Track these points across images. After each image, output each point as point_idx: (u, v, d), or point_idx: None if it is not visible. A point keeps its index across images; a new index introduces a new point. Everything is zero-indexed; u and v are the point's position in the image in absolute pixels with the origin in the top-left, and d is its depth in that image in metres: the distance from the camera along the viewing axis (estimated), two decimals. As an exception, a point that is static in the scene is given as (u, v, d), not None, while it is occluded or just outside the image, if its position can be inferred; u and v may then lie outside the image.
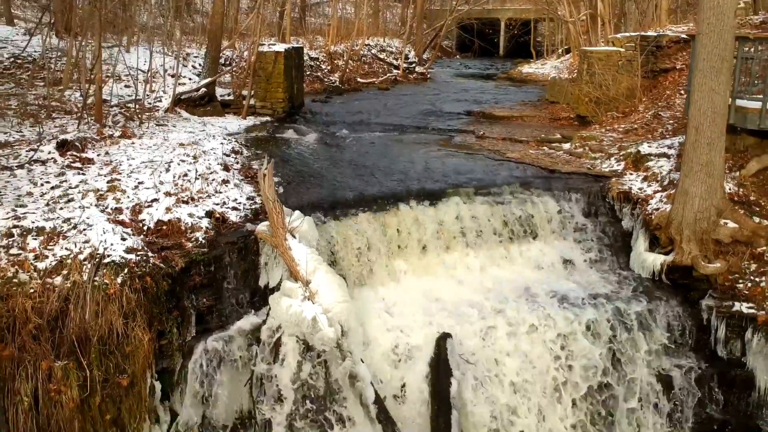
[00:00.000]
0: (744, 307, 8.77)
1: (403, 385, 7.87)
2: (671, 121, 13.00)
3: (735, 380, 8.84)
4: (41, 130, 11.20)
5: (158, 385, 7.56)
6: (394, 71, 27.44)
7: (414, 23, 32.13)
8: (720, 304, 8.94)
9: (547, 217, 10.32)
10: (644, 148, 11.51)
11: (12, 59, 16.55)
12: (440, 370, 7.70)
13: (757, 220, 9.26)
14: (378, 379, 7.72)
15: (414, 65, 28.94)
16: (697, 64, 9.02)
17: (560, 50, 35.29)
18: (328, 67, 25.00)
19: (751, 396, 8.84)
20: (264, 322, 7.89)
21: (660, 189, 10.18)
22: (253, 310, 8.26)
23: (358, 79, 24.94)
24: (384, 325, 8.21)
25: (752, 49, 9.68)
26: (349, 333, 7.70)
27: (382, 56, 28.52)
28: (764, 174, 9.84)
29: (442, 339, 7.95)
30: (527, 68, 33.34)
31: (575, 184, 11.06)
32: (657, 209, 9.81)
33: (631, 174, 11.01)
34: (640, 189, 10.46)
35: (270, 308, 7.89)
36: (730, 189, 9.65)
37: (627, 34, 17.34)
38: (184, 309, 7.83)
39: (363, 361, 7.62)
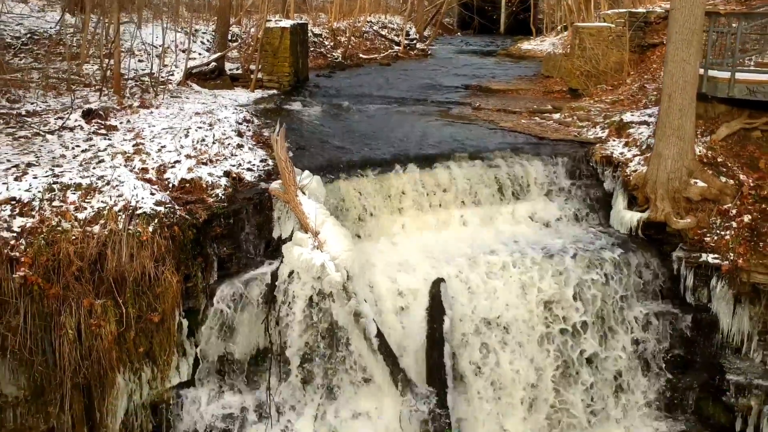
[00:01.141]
0: (710, 258, 9.71)
1: (402, 323, 8.83)
2: (654, 93, 13.85)
3: (701, 323, 9.82)
4: (73, 98, 12.10)
5: (185, 323, 8.53)
6: (396, 47, 28.15)
7: (415, 0, 32.77)
8: (689, 256, 9.89)
9: (535, 179, 11.21)
10: (627, 117, 12.39)
11: (29, 35, 17.38)
12: (435, 309, 8.65)
13: (723, 179, 10.18)
14: (380, 318, 8.67)
15: (415, 42, 29.63)
16: (671, 37, 9.88)
17: (559, 27, 35.84)
18: (331, 44, 25.75)
19: (715, 337, 9.83)
20: (278, 268, 8.85)
21: (639, 153, 11.07)
22: (268, 258, 9.20)
23: (360, 55, 25.69)
24: (385, 272, 9.15)
25: (723, 24, 10.53)
26: (353, 277, 8.65)
27: (383, 33, 29.22)
28: (732, 139, 10.73)
29: (437, 283, 8.90)
30: (526, 45, 33.93)
31: (562, 149, 11.94)
32: (635, 171, 10.72)
33: (614, 140, 11.88)
34: (621, 153, 11.35)
35: (283, 256, 8.85)
36: (700, 152, 10.54)
37: (617, 10, 18.12)
38: (207, 256, 8.78)
39: (366, 301, 8.58)
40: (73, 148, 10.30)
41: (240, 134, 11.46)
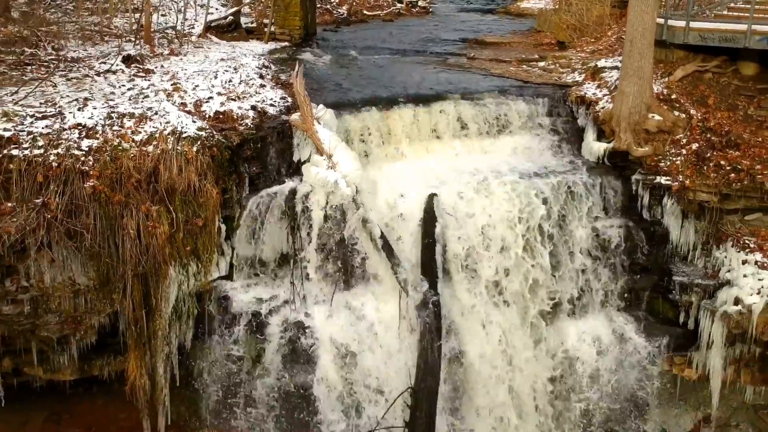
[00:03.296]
0: (663, 180, 11.46)
1: (402, 228, 10.66)
2: (629, 43, 15.44)
3: (654, 235, 11.61)
4: (118, 45, 13.80)
5: (223, 227, 10.35)
6: (398, 5, 29.55)
7: (417, -41, 33.99)
8: (646, 178, 11.64)
9: (518, 116, 12.89)
10: (601, 63, 14.04)
11: (58, -10, 18.95)
12: (428, 217, 10.44)
13: (677, 114, 11.88)
14: (384, 224, 10.48)
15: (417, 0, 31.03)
16: (633, -9, 11.53)
17: (556, -14, 37.15)
18: (337, 0, 27.25)
19: (666, 247, 11.63)
20: (298, 184, 10.64)
21: (607, 93, 12.74)
22: (289, 177, 10.98)
23: (365, 12, 27.17)
24: (388, 188, 10.93)
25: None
26: (361, 192, 10.44)
27: (386, -9, 30.57)
28: (687, 80, 12.42)
29: (431, 197, 10.66)
30: (525, 3, 35.21)
31: (543, 91, 13.61)
32: (603, 108, 12.40)
33: (589, 83, 13.54)
34: (593, 94, 13.01)
35: (303, 175, 10.64)
36: (658, 90, 12.23)
37: (602, -32, 19.59)
38: (240, 173, 10.58)
39: (371, 211, 10.38)
40: (119, 87, 12.00)
41: (261, 77, 13.15)
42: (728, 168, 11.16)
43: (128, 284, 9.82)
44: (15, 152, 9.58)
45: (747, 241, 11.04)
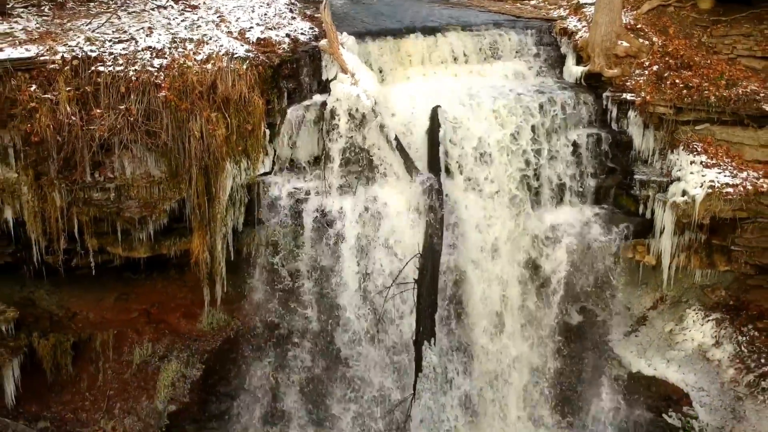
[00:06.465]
0: (628, 96, 13.79)
1: (412, 132, 13.07)
2: (610, -17, 17.56)
3: (621, 143, 13.99)
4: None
5: (267, 132, 12.74)
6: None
7: None
8: (614, 95, 13.97)
9: (510, 45, 15.17)
10: (583, 0, 16.25)
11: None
12: (433, 124, 12.80)
13: (641, 41, 14.18)
14: (398, 130, 12.87)
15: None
16: (606, -67, 13.69)
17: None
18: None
19: (630, 152, 14.04)
20: (327, 98, 13.01)
21: (586, 24, 14.99)
22: (319, 93, 13.33)
23: (373, -43, 29.09)
24: (401, 102, 13.29)
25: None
26: (378, 103, 12.80)
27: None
28: (652, 12, 14.69)
29: (435, 108, 13.00)
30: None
31: (533, 24, 15.84)
32: (581, 37, 14.67)
33: (572, 17, 15.76)
34: (574, 26, 15.25)
35: (330, 90, 12.99)
36: (627, 21, 14.49)
37: None
38: (280, 88, 12.93)
39: (387, 119, 12.79)
40: (174, 19, 14.24)
41: (291, 11, 15.36)
42: (681, 86, 13.48)
43: (193, 176, 12.21)
44: (101, 68, 11.95)
45: (695, 146, 13.43)
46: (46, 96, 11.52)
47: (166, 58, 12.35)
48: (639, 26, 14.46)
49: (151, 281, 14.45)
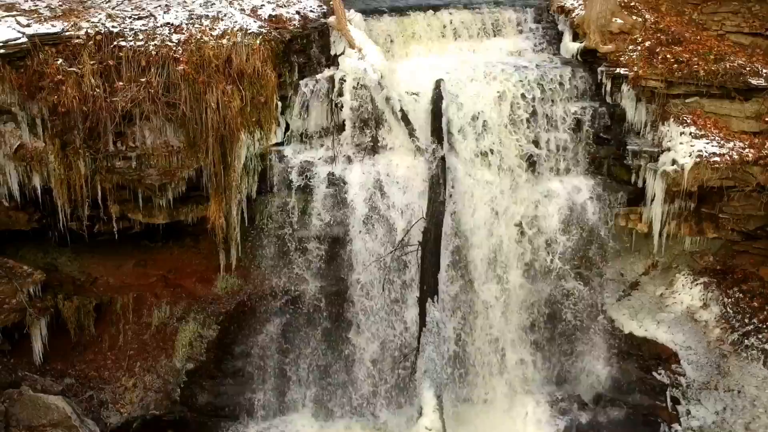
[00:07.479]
0: (622, 71, 14.47)
1: (416, 104, 13.78)
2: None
3: (614, 115, 14.68)
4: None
5: (280, 104, 13.45)
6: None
7: None
8: (609, 69, 14.65)
9: (509, 22, 15.87)
10: (580, -21, 16.88)
11: None
12: (437, 96, 13.51)
13: (635, 18, 14.87)
14: (402, 101, 13.59)
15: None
16: None
17: None
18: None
19: (623, 125, 14.73)
20: (335, 72, 13.70)
21: (582, 2, 15.62)
22: (328, 67, 14.03)
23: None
24: (405, 75, 14.01)
25: None
26: (384, 77, 13.50)
27: None
28: (645, -11, 15.37)
29: (438, 81, 13.68)
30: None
31: (531, 2, 16.48)
32: (578, 15, 15.33)
33: (569, -5, 16.43)
34: (571, 4, 15.85)
35: (339, 64, 13.68)
36: (621, -1, 15.19)
37: None
38: (292, 63, 13.63)
39: (393, 91, 13.50)
40: (188, -2, 14.91)
41: (300, -11, 16.03)
42: (672, 61, 14.17)
43: (210, 146, 12.87)
44: (123, 43, 12.62)
45: (685, 119, 14.13)
46: (71, 69, 12.20)
47: (183, 33, 13.01)
48: (633, 4, 15.12)
49: (168, 249, 15.21)
